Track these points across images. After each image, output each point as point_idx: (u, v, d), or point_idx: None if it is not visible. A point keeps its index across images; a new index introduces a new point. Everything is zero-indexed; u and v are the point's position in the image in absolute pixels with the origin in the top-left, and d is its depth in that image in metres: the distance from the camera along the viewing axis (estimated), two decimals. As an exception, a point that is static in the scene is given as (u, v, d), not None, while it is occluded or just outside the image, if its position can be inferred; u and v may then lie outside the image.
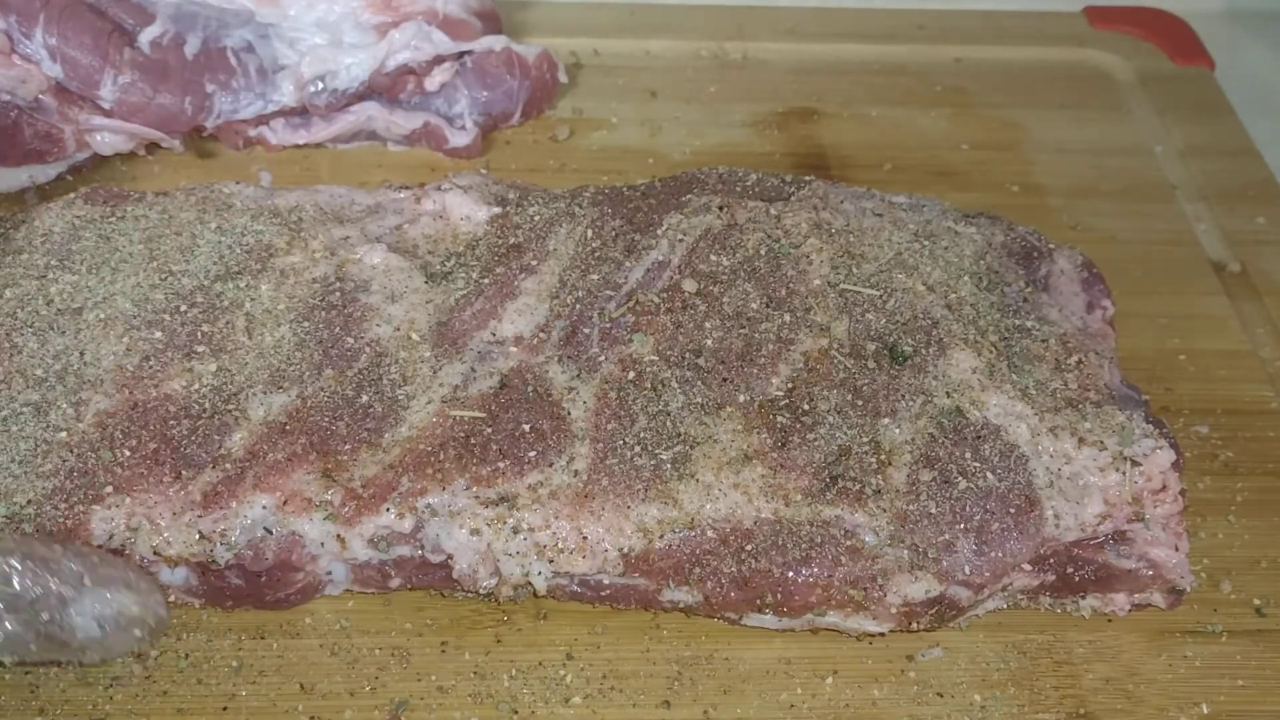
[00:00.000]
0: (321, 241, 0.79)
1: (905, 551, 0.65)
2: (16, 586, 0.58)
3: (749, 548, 0.65)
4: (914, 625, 0.67)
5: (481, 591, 0.67)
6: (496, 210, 0.81)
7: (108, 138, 0.94)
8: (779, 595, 0.65)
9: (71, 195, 0.83)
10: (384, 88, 0.98)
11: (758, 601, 0.65)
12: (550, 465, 0.67)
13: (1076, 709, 0.67)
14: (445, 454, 0.68)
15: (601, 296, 0.75)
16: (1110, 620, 0.71)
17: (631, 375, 0.71)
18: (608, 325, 0.74)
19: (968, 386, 0.71)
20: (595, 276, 0.76)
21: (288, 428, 0.69)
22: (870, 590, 0.64)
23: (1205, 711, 0.67)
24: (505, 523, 0.65)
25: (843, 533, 0.65)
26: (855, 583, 0.64)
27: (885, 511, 0.66)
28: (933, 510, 0.66)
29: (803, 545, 0.65)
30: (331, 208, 0.82)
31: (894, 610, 0.65)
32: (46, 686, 0.65)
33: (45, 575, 0.59)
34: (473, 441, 0.68)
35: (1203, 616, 0.71)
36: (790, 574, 0.64)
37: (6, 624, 0.58)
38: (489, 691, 0.66)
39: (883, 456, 0.68)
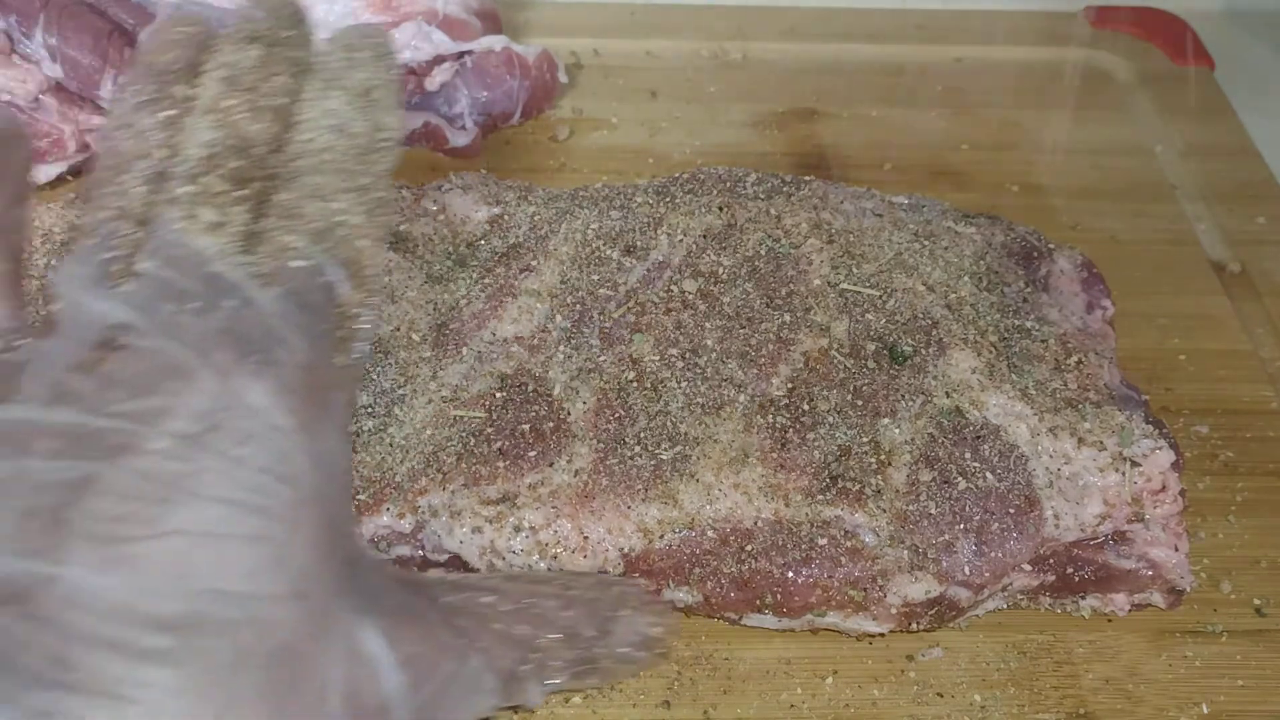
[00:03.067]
0: (321, 241, 0.78)
1: (905, 552, 0.65)
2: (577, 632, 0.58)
3: (749, 548, 0.65)
4: (914, 625, 0.67)
5: (482, 591, 0.67)
6: (496, 210, 0.82)
7: (108, 138, 0.94)
8: (779, 595, 0.65)
9: (71, 195, 0.83)
10: (384, 88, 0.98)
11: (757, 602, 0.65)
12: (550, 465, 0.67)
13: (1076, 709, 0.67)
14: (445, 454, 0.68)
15: (601, 296, 0.75)
16: (1110, 620, 0.71)
17: (631, 375, 0.71)
18: (608, 325, 0.74)
19: (967, 386, 0.71)
20: (595, 276, 0.77)
21: (288, 428, 0.69)
22: (871, 591, 0.64)
23: (1205, 711, 0.67)
24: (506, 521, 0.65)
25: (843, 533, 0.65)
26: (856, 583, 0.64)
27: (885, 512, 0.66)
28: (933, 510, 0.66)
29: (803, 545, 0.65)
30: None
31: (894, 611, 0.65)
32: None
33: (585, 611, 0.58)
34: (473, 441, 0.68)
35: (1203, 616, 0.71)
36: (790, 574, 0.64)
37: (563, 666, 0.57)
38: (489, 691, 0.66)
39: (882, 456, 0.68)
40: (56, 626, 0.43)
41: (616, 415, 0.69)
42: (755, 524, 0.66)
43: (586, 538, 0.65)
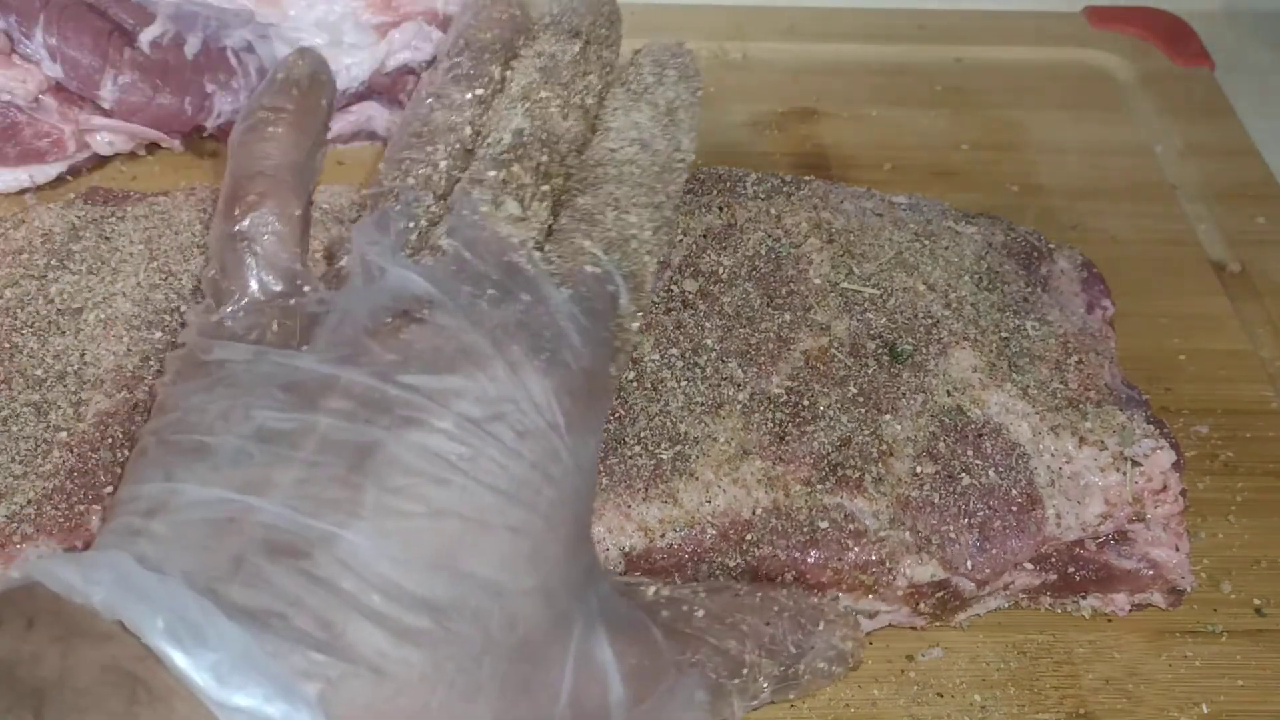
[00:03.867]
0: (321, 241, 0.78)
1: (907, 534, 0.65)
2: (791, 646, 0.59)
3: (749, 537, 0.65)
4: (921, 606, 0.66)
5: (482, 591, 0.67)
6: (497, 210, 0.81)
7: (108, 138, 0.93)
8: (793, 576, 0.64)
9: (71, 195, 0.82)
10: (384, 88, 0.98)
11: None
12: (550, 465, 0.67)
13: (1076, 709, 0.67)
14: (445, 454, 0.67)
15: (602, 296, 0.75)
16: (1110, 620, 0.71)
17: (631, 375, 0.71)
18: (608, 325, 0.74)
19: (968, 385, 0.71)
20: (595, 276, 0.76)
21: (288, 427, 0.68)
22: (879, 575, 0.64)
23: (1205, 711, 0.67)
24: (506, 522, 0.65)
25: (844, 516, 0.65)
26: (865, 567, 0.64)
27: (885, 496, 0.66)
28: (935, 501, 0.66)
29: (804, 530, 0.65)
30: (331, 208, 0.82)
31: (900, 593, 0.65)
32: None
33: (788, 626, 0.59)
34: (473, 441, 0.68)
35: (1203, 616, 0.71)
36: (798, 555, 0.64)
37: (766, 682, 0.58)
38: (489, 691, 0.66)
39: (883, 448, 0.68)
40: (328, 588, 0.42)
41: (616, 415, 0.69)
42: (754, 514, 0.66)
43: (587, 537, 0.65)
